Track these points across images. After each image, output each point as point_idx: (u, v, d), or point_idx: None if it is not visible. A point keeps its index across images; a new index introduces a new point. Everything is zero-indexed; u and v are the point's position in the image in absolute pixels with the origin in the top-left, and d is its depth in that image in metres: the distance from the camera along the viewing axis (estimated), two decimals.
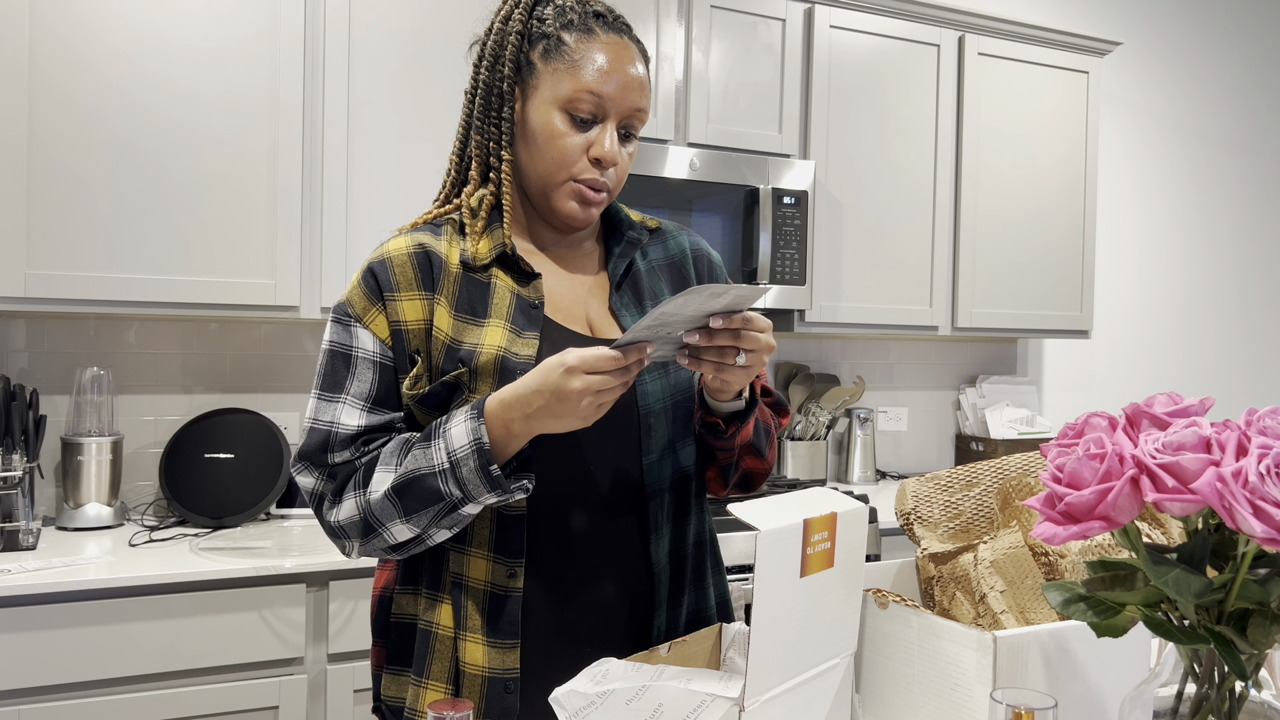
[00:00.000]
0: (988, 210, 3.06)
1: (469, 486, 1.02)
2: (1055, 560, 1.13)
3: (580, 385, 0.98)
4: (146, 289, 2.08)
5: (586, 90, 1.11)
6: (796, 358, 3.20)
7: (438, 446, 1.04)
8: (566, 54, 1.12)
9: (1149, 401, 0.79)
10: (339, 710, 1.98)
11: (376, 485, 1.06)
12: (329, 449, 1.10)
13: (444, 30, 2.35)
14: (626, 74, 1.13)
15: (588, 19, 1.14)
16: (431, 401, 1.11)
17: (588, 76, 1.11)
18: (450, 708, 0.81)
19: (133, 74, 2.07)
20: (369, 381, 1.11)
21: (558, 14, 1.14)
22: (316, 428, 1.11)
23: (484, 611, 1.10)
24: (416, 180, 2.33)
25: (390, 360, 1.12)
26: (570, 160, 1.13)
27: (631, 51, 1.15)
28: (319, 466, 1.10)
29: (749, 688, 0.84)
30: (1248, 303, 4.17)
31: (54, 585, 1.75)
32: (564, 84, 1.11)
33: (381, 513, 1.05)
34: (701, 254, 1.30)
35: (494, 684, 1.09)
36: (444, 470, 1.03)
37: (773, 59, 2.75)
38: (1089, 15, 3.74)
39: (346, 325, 1.12)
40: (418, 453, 1.05)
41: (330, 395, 1.11)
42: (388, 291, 1.11)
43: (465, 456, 1.02)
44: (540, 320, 1.13)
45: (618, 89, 1.12)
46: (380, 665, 1.19)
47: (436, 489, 1.03)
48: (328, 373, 1.12)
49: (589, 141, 1.13)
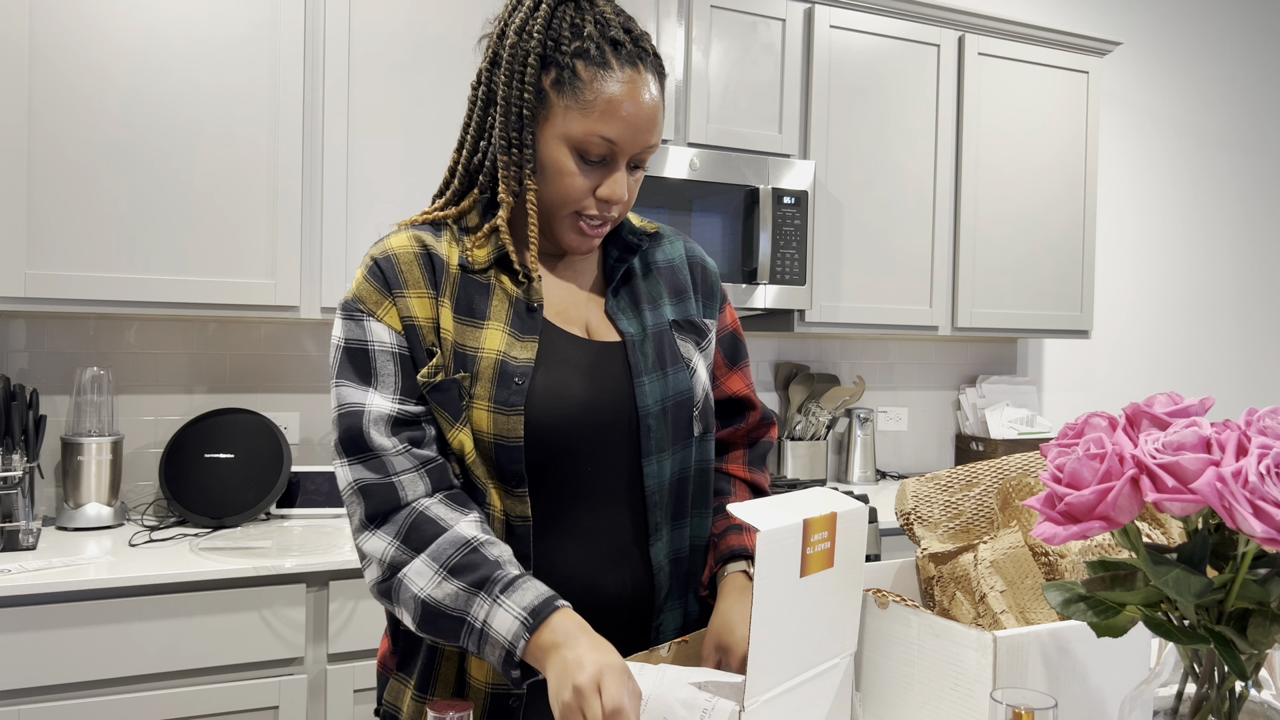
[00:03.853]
0: (988, 210, 3.06)
1: (483, 655, 1.01)
2: (1055, 560, 1.13)
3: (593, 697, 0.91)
4: (146, 289, 2.08)
5: (598, 136, 1.07)
6: (796, 358, 3.20)
7: (482, 606, 1.00)
8: (579, 91, 1.07)
9: (1149, 401, 0.79)
10: (339, 710, 1.98)
11: (413, 578, 1.03)
12: (365, 429, 1.06)
13: (444, 30, 2.35)
14: (640, 115, 1.08)
15: (604, 48, 1.07)
16: (443, 396, 1.09)
17: (599, 123, 1.07)
18: (450, 708, 0.81)
19: (133, 74, 2.07)
20: (393, 374, 1.08)
21: (574, 37, 1.08)
22: (348, 411, 1.08)
23: None
24: (417, 180, 2.33)
25: (407, 351, 1.10)
26: (577, 198, 1.11)
27: (647, 85, 1.09)
28: (357, 453, 1.07)
29: (749, 688, 0.84)
30: (1248, 303, 4.16)
31: (54, 585, 1.75)
32: (575, 124, 1.08)
33: (404, 604, 1.03)
34: (697, 261, 1.30)
35: (497, 700, 1.10)
36: (473, 628, 1.00)
37: (773, 59, 2.75)
38: (1089, 15, 3.74)
39: (359, 320, 1.10)
40: (463, 593, 1.00)
41: (355, 384, 1.08)
42: (396, 288, 1.10)
43: (496, 644, 0.99)
44: (539, 323, 1.12)
45: (630, 132, 1.08)
46: (390, 669, 1.18)
47: (457, 634, 1.01)
48: (348, 366, 1.09)
49: (598, 182, 1.11)
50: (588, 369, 1.13)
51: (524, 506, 1.09)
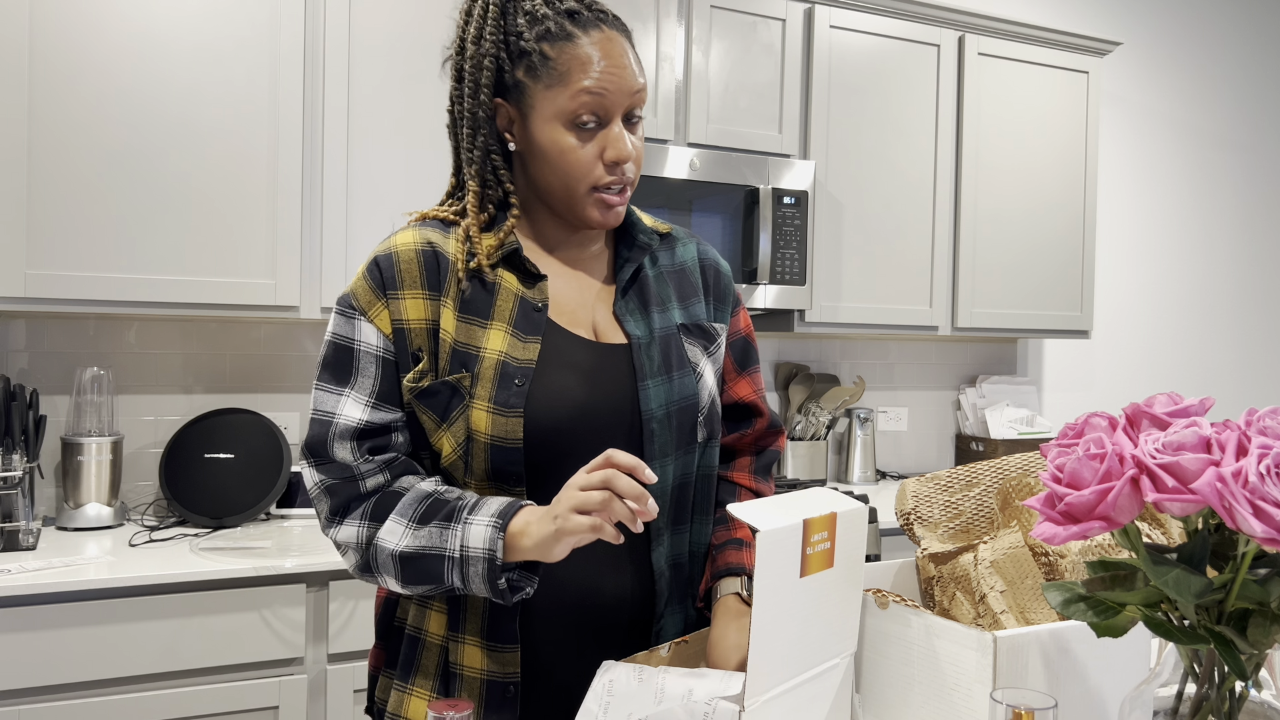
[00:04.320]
0: (988, 210, 3.06)
1: (471, 585, 1.02)
2: (1055, 560, 1.13)
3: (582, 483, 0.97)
4: (146, 289, 2.08)
5: (584, 94, 1.08)
6: (796, 358, 3.20)
7: (455, 533, 1.02)
8: (553, 68, 1.08)
9: (1149, 401, 0.79)
10: (339, 710, 1.98)
11: (386, 537, 1.05)
12: (330, 441, 1.09)
13: (445, 30, 2.35)
14: (617, 66, 1.10)
15: (563, 22, 1.09)
16: (432, 400, 1.09)
17: (581, 85, 1.08)
18: (451, 708, 0.81)
19: (133, 74, 2.07)
20: (372, 377, 1.10)
21: (531, 24, 1.09)
22: (319, 419, 1.10)
23: (484, 615, 1.10)
24: (417, 180, 2.33)
25: (392, 356, 1.10)
26: (587, 171, 1.11)
27: (615, 40, 1.11)
28: (321, 459, 1.09)
29: (749, 688, 0.84)
30: (1247, 303, 4.16)
31: (54, 585, 1.75)
32: (559, 99, 1.09)
33: (383, 567, 1.05)
34: (710, 264, 1.28)
35: (493, 687, 1.10)
36: (453, 560, 1.02)
37: (773, 59, 2.75)
38: (1089, 15, 3.74)
39: (350, 318, 1.11)
40: (435, 530, 1.03)
41: (332, 388, 1.10)
42: (391, 289, 1.10)
43: (476, 559, 1.01)
44: (543, 324, 1.12)
45: (613, 86, 1.09)
46: (378, 667, 1.19)
47: (440, 574, 1.03)
48: (330, 365, 1.11)
49: (601, 146, 1.11)
50: (590, 371, 1.12)
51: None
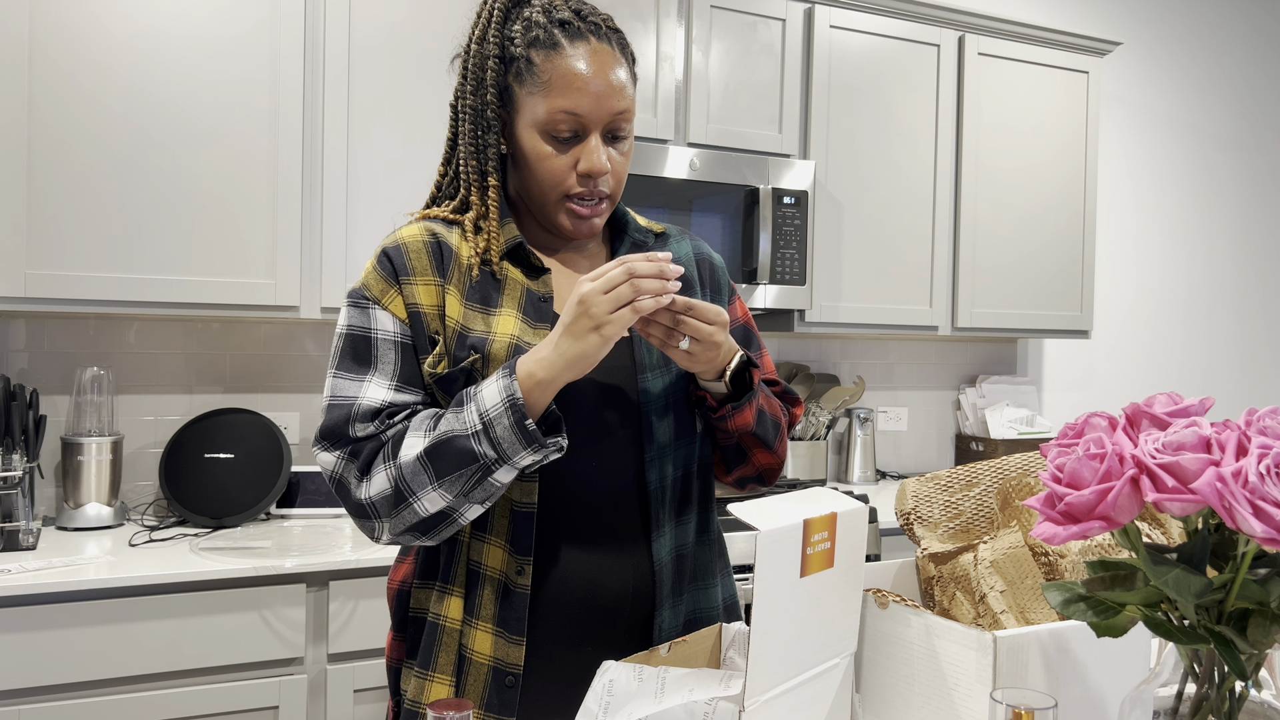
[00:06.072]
0: (988, 210, 3.06)
1: (503, 446, 1.01)
2: (1055, 560, 1.13)
3: (590, 290, 1.01)
4: (146, 289, 2.08)
5: (560, 111, 1.10)
6: (796, 358, 3.20)
7: (470, 409, 1.03)
8: (536, 75, 1.10)
9: (1149, 401, 0.79)
10: (339, 710, 1.98)
11: (408, 450, 1.04)
12: (351, 422, 1.08)
13: (444, 29, 2.35)
14: (601, 83, 1.10)
15: (553, 31, 1.11)
16: (450, 385, 1.11)
17: (559, 97, 1.09)
18: (451, 708, 0.81)
19: (133, 74, 2.07)
20: (393, 361, 1.10)
21: (525, 30, 1.12)
22: (337, 404, 1.09)
23: (497, 601, 1.11)
24: (417, 179, 2.33)
25: (410, 340, 1.12)
26: (559, 180, 1.13)
27: (603, 55, 1.11)
28: (341, 442, 1.08)
29: (749, 688, 0.84)
30: (1248, 303, 4.16)
31: (54, 585, 1.75)
32: (539, 107, 1.10)
33: (413, 478, 1.04)
34: (704, 257, 1.31)
35: (497, 674, 1.11)
36: (477, 431, 1.02)
37: (773, 59, 2.75)
38: (1089, 15, 3.74)
39: (365, 309, 1.12)
40: (450, 416, 1.04)
41: (352, 375, 1.10)
42: (403, 275, 1.12)
43: (499, 414, 1.01)
44: (550, 315, 1.15)
45: (592, 102, 1.10)
46: (399, 659, 1.20)
47: (470, 450, 1.02)
48: (348, 354, 1.11)
49: (575, 158, 1.12)
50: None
51: (531, 492, 1.11)
